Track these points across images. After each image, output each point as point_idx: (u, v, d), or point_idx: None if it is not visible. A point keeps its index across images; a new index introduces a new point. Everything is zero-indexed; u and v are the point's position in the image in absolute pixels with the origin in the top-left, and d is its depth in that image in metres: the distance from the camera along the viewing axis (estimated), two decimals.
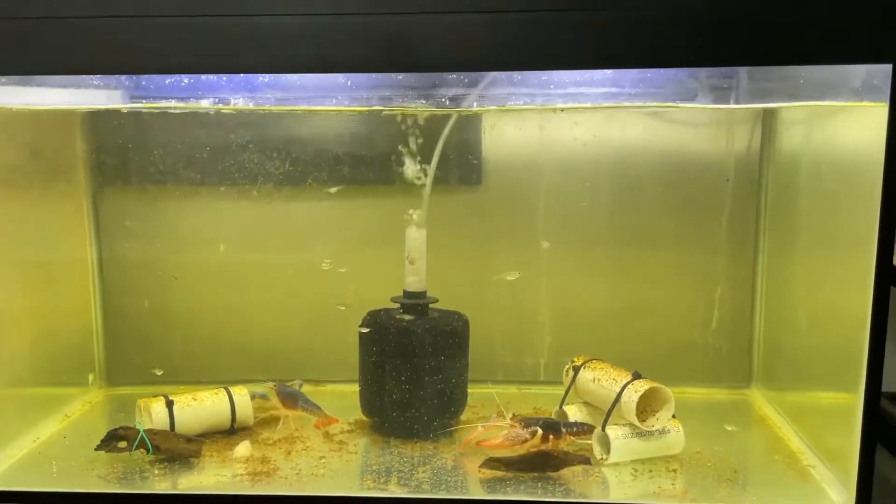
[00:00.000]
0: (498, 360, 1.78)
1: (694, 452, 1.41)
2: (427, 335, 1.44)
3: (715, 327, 1.77)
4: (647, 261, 1.75)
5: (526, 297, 1.74)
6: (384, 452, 1.41)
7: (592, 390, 1.44)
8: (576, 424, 1.37)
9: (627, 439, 1.36)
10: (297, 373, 1.72)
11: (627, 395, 1.36)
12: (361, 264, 1.68)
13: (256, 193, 1.87)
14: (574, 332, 1.76)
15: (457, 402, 1.50)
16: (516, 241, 1.73)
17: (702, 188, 1.87)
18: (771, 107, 1.46)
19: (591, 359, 1.51)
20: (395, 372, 1.45)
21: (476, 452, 1.35)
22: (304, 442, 1.48)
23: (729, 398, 1.75)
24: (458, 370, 1.48)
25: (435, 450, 1.42)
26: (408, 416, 1.45)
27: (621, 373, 1.42)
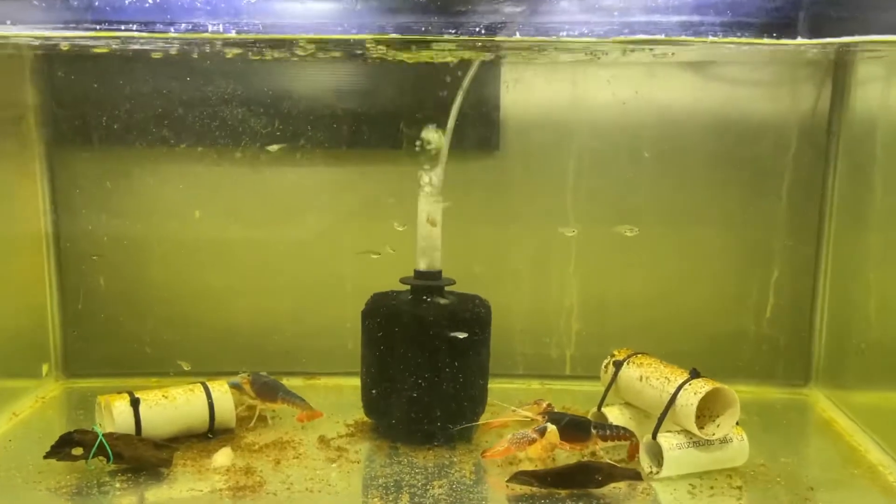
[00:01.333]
0: (517, 350, 1.67)
1: (757, 465, 1.29)
2: (444, 323, 1.31)
3: (769, 316, 1.65)
4: (693, 239, 1.63)
5: (551, 279, 1.64)
6: (392, 462, 1.29)
7: (638, 390, 1.32)
8: (609, 427, 1.24)
9: (683, 449, 1.23)
10: (288, 363, 1.66)
11: (685, 397, 1.23)
12: (362, 239, 1.61)
13: (240, 156, 1.71)
14: (606, 319, 1.65)
15: (476, 400, 1.36)
16: (540, 216, 1.63)
17: (758, 157, 1.71)
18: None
19: (636, 353, 1.38)
20: (405, 366, 1.31)
21: (502, 462, 1.26)
22: (295, 448, 1.34)
23: (784, 398, 1.65)
24: (479, 364, 1.36)
25: (452, 458, 1.30)
26: (420, 418, 1.32)
27: (675, 371, 1.30)
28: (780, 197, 1.70)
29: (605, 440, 1.22)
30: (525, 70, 1.68)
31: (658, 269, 1.64)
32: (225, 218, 1.62)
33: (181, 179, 1.69)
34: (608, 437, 1.23)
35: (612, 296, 1.64)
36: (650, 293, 1.64)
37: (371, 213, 1.60)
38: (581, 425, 1.22)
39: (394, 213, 1.51)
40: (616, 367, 1.36)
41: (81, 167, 1.69)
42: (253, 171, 1.69)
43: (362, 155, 1.61)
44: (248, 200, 1.62)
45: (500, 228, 1.62)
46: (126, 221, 1.70)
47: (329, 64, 1.67)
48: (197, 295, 1.65)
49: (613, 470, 1.20)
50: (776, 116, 1.67)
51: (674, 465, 1.22)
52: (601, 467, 1.19)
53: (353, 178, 1.62)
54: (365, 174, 1.62)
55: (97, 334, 1.64)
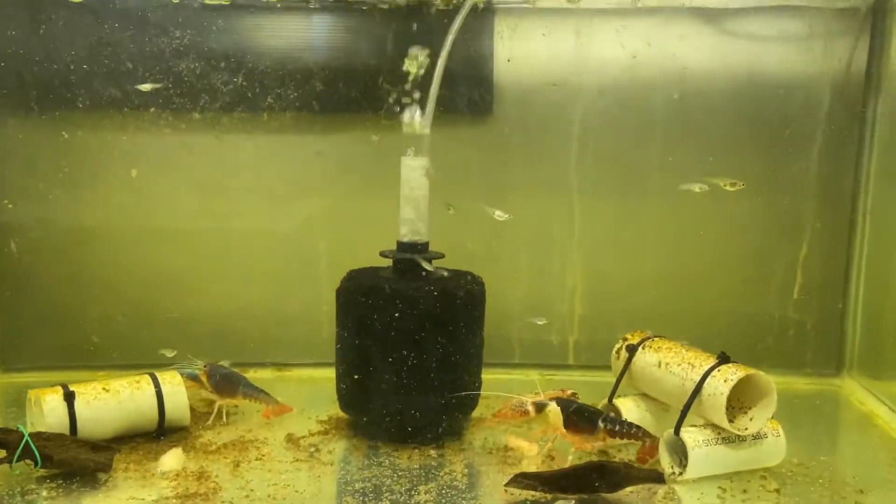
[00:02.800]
0: (514, 336, 1.58)
1: (795, 464, 1.19)
2: (432, 303, 1.20)
3: (797, 297, 1.56)
4: (711, 211, 1.53)
5: (552, 256, 1.56)
6: (371, 463, 1.18)
7: (657, 378, 1.21)
8: (621, 423, 1.11)
9: (710, 447, 1.13)
10: (256, 353, 1.58)
11: (713, 385, 1.12)
12: (341, 214, 1.54)
13: (199, 118, 1.55)
14: (613, 301, 1.56)
15: (469, 391, 1.27)
16: (539, 186, 1.54)
17: (786, 118, 1.57)
18: None
19: (653, 336, 1.27)
20: (385, 352, 1.20)
21: (500, 462, 1.18)
22: (259, 448, 1.23)
23: (815, 388, 1.60)
24: (472, 350, 1.26)
25: (441, 459, 1.20)
26: (403, 412, 1.22)
27: (699, 355, 1.19)
28: (811, 163, 1.58)
29: (614, 436, 1.10)
30: (521, 18, 1.53)
31: (672, 245, 1.55)
32: (181, 191, 1.52)
33: (131, 146, 1.54)
34: (617, 432, 1.11)
35: (619, 275, 1.55)
36: (663, 272, 1.55)
37: (350, 184, 1.53)
38: (589, 415, 1.12)
39: (376, 183, 1.39)
40: (630, 353, 1.26)
41: (15, 132, 1.53)
42: (214, 137, 1.55)
43: (339, 119, 1.52)
44: (207, 171, 1.52)
45: (495, 201, 1.50)
46: (67, 195, 1.55)
47: (299, 12, 1.51)
48: (151, 279, 1.54)
49: (631, 471, 1.09)
50: (806, 72, 1.55)
51: (700, 464, 1.11)
52: (617, 468, 1.08)
53: (328, 146, 1.53)
54: (343, 141, 1.53)
55: (37, 322, 1.52)
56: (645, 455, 1.14)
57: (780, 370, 1.57)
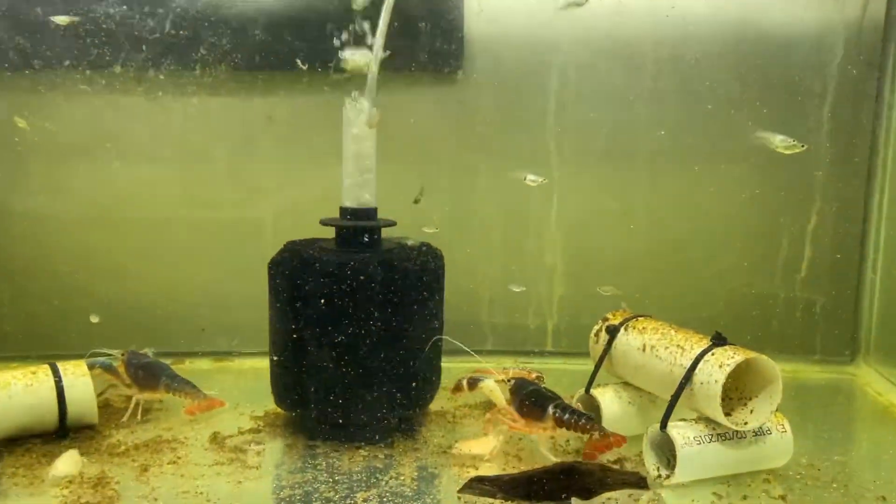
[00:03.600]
0: (485, 320, 1.49)
1: (804, 465, 1.08)
2: (380, 277, 1.08)
3: (805, 274, 1.46)
4: (709, 180, 1.45)
5: (528, 231, 1.47)
6: (305, 466, 1.06)
7: (641, 364, 1.10)
8: (572, 412, 1.02)
9: (703, 445, 1.00)
10: (192, 341, 1.48)
11: (706, 371, 1.00)
12: (287, 185, 1.45)
13: (120, 71, 1.38)
14: (597, 281, 1.45)
15: (424, 383, 1.15)
16: (514, 154, 1.44)
17: (793, 73, 1.44)
18: None
19: (637, 315, 1.16)
20: (325, 337, 1.08)
21: (458, 464, 1.06)
22: (175, 450, 1.10)
23: (826, 377, 1.49)
24: (429, 334, 1.13)
25: (389, 460, 1.08)
26: (347, 408, 1.10)
27: (691, 336, 1.07)
28: (821, 123, 1.45)
29: (562, 425, 1.02)
30: None
31: (664, 218, 1.47)
32: (108, 160, 1.40)
33: (47, 108, 1.39)
34: (565, 422, 1.01)
35: (605, 252, 1.47)
36: (654, 248, 1.47)
37: (299, 151, 1.43)
38: (540, 400, 1.03)
39: (328, 149, 1.21)
40: (610, 335, 1.15)
41: None
42: (144, 98, 1.40)
43: (283, 78, 1.41)
44: (136, 137, 1.41)
45: (464, 170, 1.44)
46: None
47: None
48: (72, 262, 1.43)
49: (608, 475, 0.97)
50: (816, 22, 1.42)
51: (691, 466, 1.00)
52: (591, 471, 0.97)
53: (272, 108, 1.42)
54: (290, 101, 1.42)
55: None
56: (593, 450, 1.02)
57: (786, 356, 1.46)
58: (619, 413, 1.13)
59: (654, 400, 1.13)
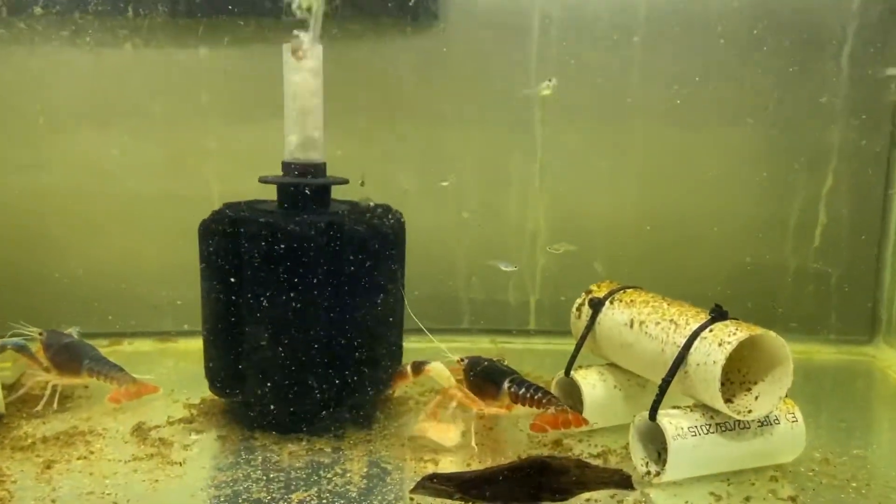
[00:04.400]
0: (461, 296, 1.42)
1: (818, 461, 0.98)
2: (326, 243, 0.98)
3: (819, 243, 1.38)
4: (710, 138, 1.37)
5: (508, 195, 1.39)
6: (238, 461, 0.96)
7: (629, 342, 1.01)
8: (529, 387, 0.97)
9: (699, 437, 0.90)
10: (133, 320, 1.39)
11: (704, 350, 0.91)
12: (236, 143, 1.35)
13: (41, 13, 1.26)
14: (585, 251, 1.39)
15: (379, 365, 1.06)
16: (494, 109, 1.36)
17: (808, 14, 1.33)
18: None
19: (624, 287, 1.07)
20: (266, 313, 0.99)
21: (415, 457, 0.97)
22: (90, 444, 1.00)
23: (841, 359, 1.40)
24: (385, 309, 1.05)
25: (336, 454, 0.99)
26: (288, 394, 1.00)
27: (686, 311, 0.98)
28: (839, 69, 1.34)
29: (517, 401, 0.97)
30: None
31: (661, 180, 1.39)
32: (32, 118, 1.30)
33: None
34: (521, 397, 0.96)
35: (593, 218, 1.39)
36: (648, 214, 1.39)
37: (243, 106, 1.33)
38: (493, 375, 1.00)
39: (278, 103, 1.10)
40: (594, 309, 1.06)
41: None
42: (70, 45, 1.29)
43: (229, 24, 1.31)
44: (62, 91, 1.31)
45: (438, 126, 1.36)
46: None
47: None
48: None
49: (587, 472, 0.87)
50: None
51: (684, 461, 0.90)
52: (566, 468, 0.87)
53: (218, 61, 1.32)
54: (234, 54, 1.32)
55: None
56: (544, 423, 0.94)
57: (797, 335, 1.37)
58: (602, 399, 1.04)
59: (643, 384, 1.05)
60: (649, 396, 0.96)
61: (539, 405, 0.95)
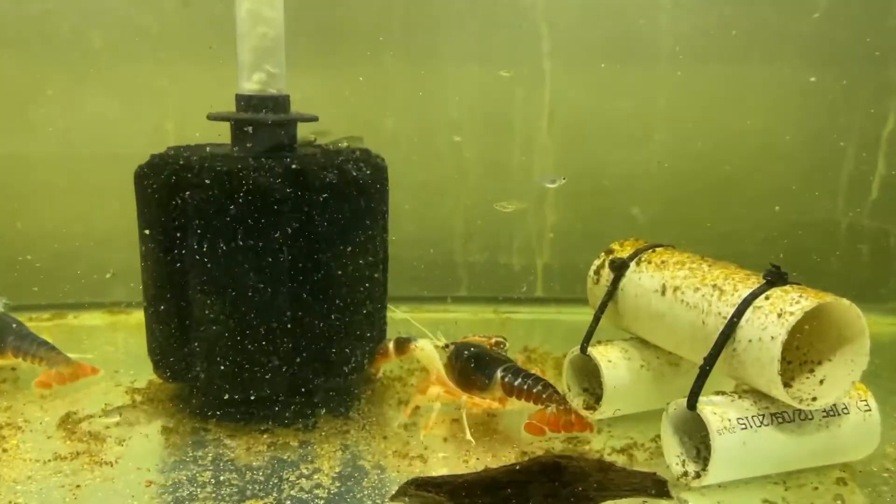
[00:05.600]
0: (457, 259, 1.35)
1: (892, 459, 0.86)
2: (288, 192, 0.87)
3: (876, 197, 1.29)
4: (745, 71, 1.27)
5: (512, 142, 1.32)
6: (187, 461, 0.85)
7: (660, 312, 0.90)
8: (525, 376, 0.89)
9: (751, 430, 0.79)
10: (78, 290, 1.29)
11: (759, 322, 0.78)
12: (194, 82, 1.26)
13: None
14: (600, 207, 1.33)
15: (356, 342, 0.95)
16: (494, 43, 1.28)
17: None
18: None
19: (653, 245, 0.96)
20: (218, 280, 0.88)
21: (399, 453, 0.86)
22: (3, 438, 0.88)
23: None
24: (364, 273, 0.94)
25: (305, 449, 0.88)
26: (247, 377, 0.90)
27: (732, 272, 0.86)
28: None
29: (511, 393, 0.89)
30: None
31: (688, 125, 1.31)
32: None
33: None
34: (516, 389, 0.88)
35: (612, 168, 1.31)
36: (676, 164, 1.31)
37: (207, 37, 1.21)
38: (485, 362, 0.92)
39: None
40: (616, 272, 0.95)
41: None
42: None
43: None
44: None
45: (428, 62, 1.28)
46: None
47: None
48: None
49: (610, 476, 0.77)
50: None
51: (732, 460, 0.79)
52: (583, 471, 0.76)
53: None
54: None
55: None
56: (541, 424, 0.86)
57: None
58: (626, 381, 0.93)
59: (676, 363, 0.94)
60: (684, 378, 0.89)
61: (537, 400, 0.86)
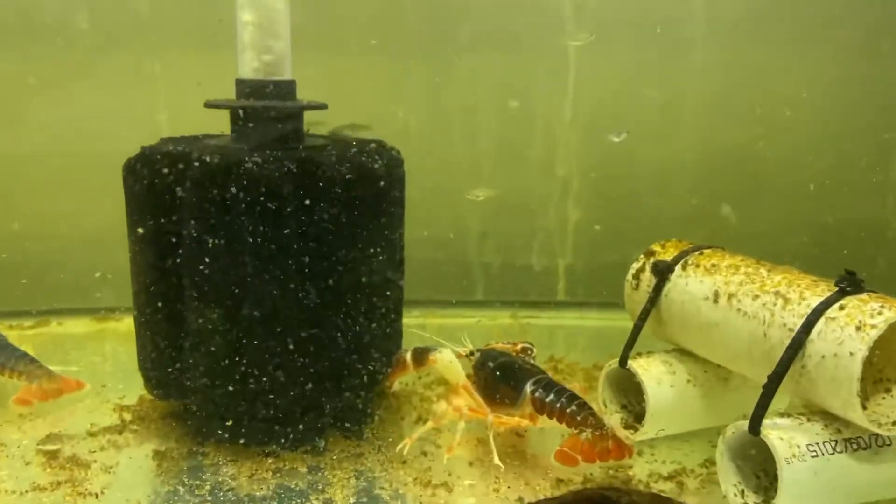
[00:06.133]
0: (473, 260, 1.33)
1: None
2: (294, 189, 0.82)
3: None
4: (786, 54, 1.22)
5: (533, 131, 1.29)
6: (181, 490, 0.78)
7: (711, 321, 0.84)
8: (559, 392, 0.83)
9: (822, 457, 0.73)
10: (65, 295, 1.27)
11: (833, 335, 0.72)
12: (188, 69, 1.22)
13: None
14: (628, 201, 1.29)
15: (371, 354, 0.89)
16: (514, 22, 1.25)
17: None
18: None
19: (699, 247, 0.90)
20: (216, 286, 0.83)
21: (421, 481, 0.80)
22: None
23: None
24: (378, 277, 0.89)
25: (315, 476, 0.82)
26: (249, 395, 0.85)
27: (797, 278, 0.79)
28: None
29: (542, 411, 0.84)
30: None
31: (725, 111, 1.27)
32: None
33: None
34: (548, 407, 0.83)
35: (640, 160, 1.28)
36: (709, 156, 1.28)
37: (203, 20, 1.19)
38: (514, 376, 0.87)
39: None
40: (659, 277, 0.89)
41: None
42: None
43: None
44: None
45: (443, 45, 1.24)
46: None
47: None
48: None
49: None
50: None
51: (802, 493, 0.73)
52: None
53: None
54: None
55: None
56: (573, 452, 0.80)
57: None
58: (671, 398, 0.87)
59: (725, 377, 0.88)
60: (734, 394, 0.84)
61: (571, 422, 0.80)
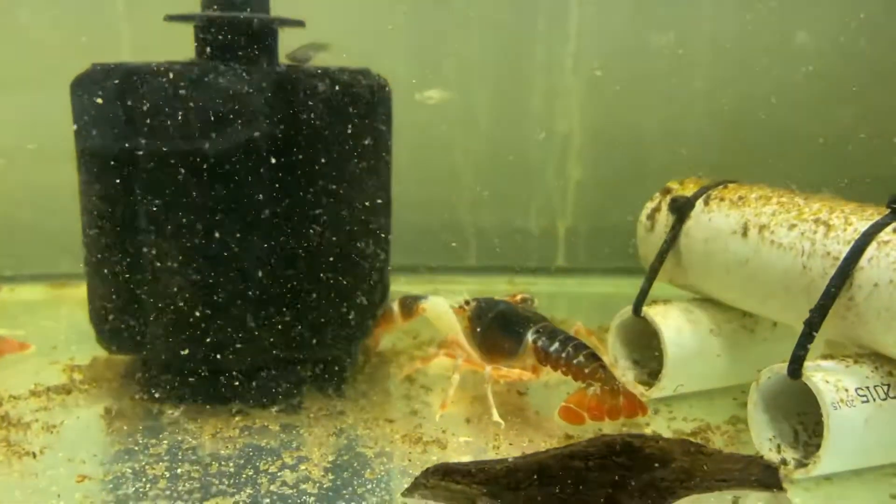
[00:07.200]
0: (467, 221, 1.28)
1: None
2: (267, 111, 0.75)
3: None
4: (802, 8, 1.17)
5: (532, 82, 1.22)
6: (134, 450, 0.72)
7: (741, 259, 0.77)
8: (565, 340, 0.78)
9: (873, 403, 0.65)
10: (17, 261, 1.22)
11: (886, 261, 0.65)
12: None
13: None
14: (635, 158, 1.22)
15: (353, 304, 0.83)
16: None
17: None
18: None
19: (723, 181, 0.84)
20: (176, 222, 0.76)
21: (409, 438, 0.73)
22: None
23: None
24: (363, 215, 0.83)
25: (288, 436, 0.75)
26: (214, 346, 0.79)
27: (837, 203, 0.73)
28: None
29: (546, 362, 0.78)
30: None
31: (740, 59, 1.21)
32: None
33: None
34: (554, 358, 0.77)
35: (648, 113, 1.23)
36: (725, 107, 1.22)
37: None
38: (514, 324, 0.83)
39: None
40: (678, 213, 0.83)
41: None
42: None
43: None
44: None
45: None
46: None
47: None
48: None
49: (702, 461, 0.60)
50: None
51: (850, 444, 0.66)
52: (667, 453, 0.59)
53: None
54: None
55: None
56: (579, 409, 0.74)
57: None
58: (691, 350, 0.81)
59: (752, 328, 0.81)
60: (761, 346, 0.77)
61: (577, 374, 0.75)
